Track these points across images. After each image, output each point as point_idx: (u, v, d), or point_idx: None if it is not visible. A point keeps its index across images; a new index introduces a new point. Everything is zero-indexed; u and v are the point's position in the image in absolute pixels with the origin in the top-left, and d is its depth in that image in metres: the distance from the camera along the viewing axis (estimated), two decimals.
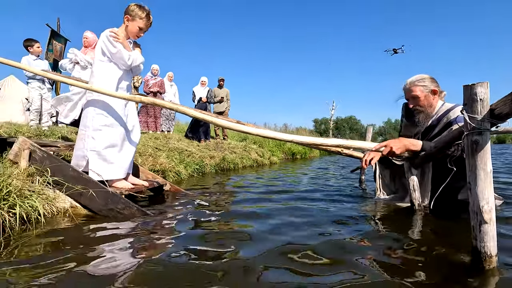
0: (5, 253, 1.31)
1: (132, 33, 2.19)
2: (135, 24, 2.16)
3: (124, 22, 2.19)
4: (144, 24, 2.18)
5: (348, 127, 52.82)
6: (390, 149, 1.72)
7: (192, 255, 1.29)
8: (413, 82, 1.96)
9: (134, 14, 2.14)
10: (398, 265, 1.18)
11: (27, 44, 4.51)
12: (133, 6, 2.15)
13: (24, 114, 8.88)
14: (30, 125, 4.36)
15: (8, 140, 2.27)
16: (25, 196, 1.78)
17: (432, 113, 1.95)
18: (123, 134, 2.22)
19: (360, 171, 3.84)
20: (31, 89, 4.55)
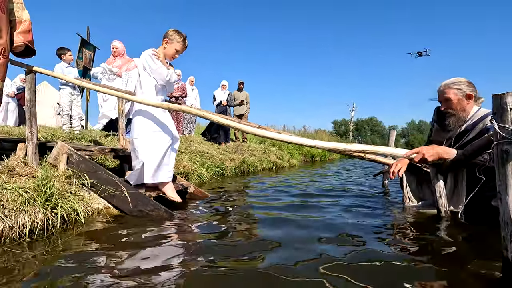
0: (51, 249, 1.44)
1: (169, 54, 2.42)
2: (173, 47, 2.39)
3: (162, 44, 2.42)
4: (181, 47, 2.43)
5: (369, 129, 51.60)
6: (422, 156, 1.69)
7: (216, 260, 1.35)
8: (448, 84, 1.92)
9: (172, 38, 2.38)
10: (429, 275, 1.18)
11: (60, 52, 4.81)
12: (172, 31, 2.40)
13: (55, 118, 9.42)
14: (63, 129, 4.63)
15: (48, 144, 2.44)
16: (64, 197, 1.92)
17: (465, 117, 1.90)
18: (168, 141, 2.40)
19: (383, 176, 3.78)
20: (62, 95, 4.84)
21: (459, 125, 1.91)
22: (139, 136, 2.34)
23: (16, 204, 1.62)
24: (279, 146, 9.07)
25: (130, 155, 3.01)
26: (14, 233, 1.55)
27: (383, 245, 1.51)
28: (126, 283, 1.09)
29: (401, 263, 1.26)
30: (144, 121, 2.34)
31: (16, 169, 1.97)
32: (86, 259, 1.31)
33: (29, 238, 1.57)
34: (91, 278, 1.12)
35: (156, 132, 2.34)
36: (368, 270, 1.20)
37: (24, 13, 2.15)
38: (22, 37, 2.14)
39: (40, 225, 1.66)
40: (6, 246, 1.45)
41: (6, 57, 2.04)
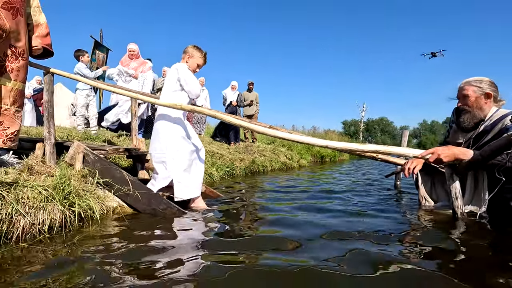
0: (69, 245, 1.48)
1: (191, 68, 2.47)
2: (195, 62, 2.47)
3: (184, 59, 2.49)
4: (202, 62, 2.51)
5: (380, 129, 50.88)
6: (437, 157, 1.66)
7: (227, 256, 1.36)
8: (469, 81, 1.89)
9: (194, 53, 2.47)
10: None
11: (78, 54, 4.92)
12: (192, 48, 2.48)
13: (70, 118, 9.66)
14: (78, 130, 4.74)
15: (64, 144, 2.51)
16: (81, 196, 1.97)
17: (480, 116, 1.86)
18: (196, 152, 2.45)
19: (395, 176, 3.73)
20: (78, 96, 4.96)
21: (474, 122, 1.87)
22: (169, 149, 2.33)
23: (36, 201, 1.67)
24: (288, 146, 9.05)
25: (143, 155, 3.07)
26: (34, 229, 1.61)
27: (400, 247, 1.50)
28: (142, 278, 1.11)
29: (418, 267, 1.24)
30: (173, 134, 2.35)
31: (35, 167, 2.03)
32: (103, 255, 1.35)
33: (48, 235, 1.62)
34: (108, 273, 1.15)
35: (185, 145, 2.36)
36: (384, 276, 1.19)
37: (41, 16, 2.22)
38: (40, 40, 2.21)
39: (58, 222, 1.70)
40: (27, 243, 1.50)
41: (25, 59, 2.11)
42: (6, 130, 2.06)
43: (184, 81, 2.37)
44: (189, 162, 2.38)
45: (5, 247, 1.43)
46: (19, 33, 2.01)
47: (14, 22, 1.96)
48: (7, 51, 1.99)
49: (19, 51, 2.05)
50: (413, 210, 2.35)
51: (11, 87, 2.06)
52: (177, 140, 2.35)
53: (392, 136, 48.79)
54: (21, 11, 2.01)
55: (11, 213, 1.55)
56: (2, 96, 2.03)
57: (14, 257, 1.34)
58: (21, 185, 1.71)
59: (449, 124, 2.18)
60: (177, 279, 1.11)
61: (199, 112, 2.17)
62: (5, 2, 1.90)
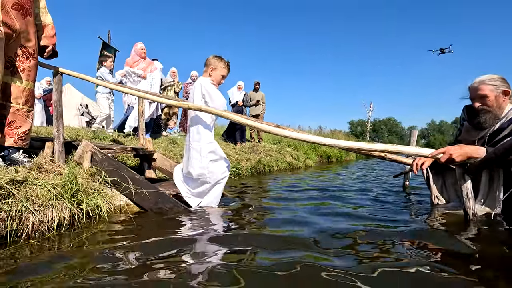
0: (77, 243, 1.49)
1: (215, 80, 2.41)
2: (218, 73, 2.39)
3: (207, 72, 2.41)
4: (226, 72, 2.43)
5: (387, 129, 50.37)
6: (449, 157, 1.62)
7: (233, 255, 1.35)
8: (483, 81, 1.85)
9: (216, 64, 2.38)
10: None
11: (102, 59, 5.06)
12: (213, 59, 2.39)
13: (78, 118, 9.80)
14: (92, 130, 4.80)
15: (73, 143, 2.54)
16: (89, 194, 1.99)
17: (500, 115, 1.82)
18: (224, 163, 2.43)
19: (404, 176, 3.67)
20: (101, 99, 5.03)
21: (495, 122, 1.83)
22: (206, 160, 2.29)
23: (45, 199, 1.69)
24: (294, 146, 9.02)
25: (150, 154, 3.09)
26: (43, 227, 1.62)
27: (412, 248, 1.47)
28: (149, 275, 1.11)
29: (434, 270, 1.21)
30: (208, 146, 2.32)
31: (45, 166, 2.06)
32: (111, 252, 1.35)
33: (57, 232, 1.64)
34: (115, 270, 1.16)
35: (219, 156, 2.36)
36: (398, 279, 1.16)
37: (48, 17, 2.25)
38: (48, 41, 2.24)
39: (67, 220, 1.72)
40: (36, 240, 1.52)
41: (35, 59, 2.14)
42: (18, 129, 2.10)
43: (209, 97, 2.32)
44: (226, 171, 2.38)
45: (15, 244, 1.45)
46: (28, 33, 2.04)
47: (23, 22, 1.99)
48: (18, 51, 2.02)
49: (30, 51, 2.08)
50: (422, 211, 2.31)
51: (23, 87, 2.09)
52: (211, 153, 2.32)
53: (399, 137, 48.24)
54: (30, 11, 2.04)
55: (21, 210, 1.57)
56: (15, 95, 2.06)
57: (24, 254, 1.35)
58: (30, 183, 1.73)
59: (460, 122, 2.13)
60: (183, 277, 1.10)
61: (206, 111, 2.17)
62: (15, 3, 1.93)
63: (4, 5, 1.87)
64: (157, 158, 3.13)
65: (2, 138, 2.05)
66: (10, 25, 1.92)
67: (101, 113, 5.14)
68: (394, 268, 1.18)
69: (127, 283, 1.06)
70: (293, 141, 9.06)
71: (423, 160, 1.91)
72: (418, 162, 1.92)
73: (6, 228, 1.50)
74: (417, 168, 1.93)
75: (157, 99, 2.49)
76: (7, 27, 1.90)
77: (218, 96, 2.34)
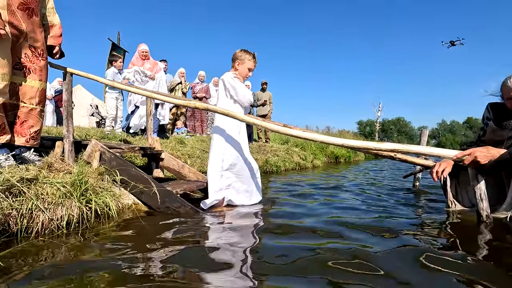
0: (87, 241, 1.51)
1: (242, 74, 2.42)
2: (245, 66, 2.39)
3: (234, 66, 2.43)
4: (253, 65, 2.42)
5: (396, 130, 49.68)
6: (473, 159, 1.55)
7: (239, 257, 1.34)
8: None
9: (243, 58, 2.39)
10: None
11: (112, 59, 5.13)
12: (240, 52, 2.40)
13: (88, 118, 9.96)
14: (107, 131, 4.87)
15: (82, 142, 2.57)
16: (97, 193, 2.01)
17: None
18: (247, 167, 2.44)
19: (414, 177, 3.60)
20: (109, 99, 5.10)
21: None
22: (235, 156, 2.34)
23: (55, 197, 1.71)
24: (302, 146, 8.96)
25: (157, 154, 3.11)
26: (53, 225, 1.65)
27: (429, 251, 1.43)
28: (158, 275, 1.11)
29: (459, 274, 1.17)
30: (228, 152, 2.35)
31: (55, 165, 2.09)
32: (119, 250, 1.36)
33: (66, 230, 1.66)
34: (124, 268, 1.16)
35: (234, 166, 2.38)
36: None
37: (55, 17, 2.28)
38: (54, 41, 2.26)
39: (76, 218, 1.74)
40: (46, 238, 1.54)
41: (45, 59, 2.17)
42: (30, 129, 2.13)
43: (234, 91, 2.34)
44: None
45: (25, 241, 1.47)
46: (35, 33, 2.06)
47: (29, 22, 2.01)
48: (27, 52, 2.05)
49: (39, 51, 2.11)
50: (434, 213, 2.26)
51: (37, 87, 2.12)
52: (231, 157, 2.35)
53: (409, 137, 47.50)
54: (36, 11, 2.06)
55: (31, 208, 1.59)
56: (29, 96, 2.10)
57: (34, 251, 1.37)
58: (41, 181, 1.76)
59: (483, 121, 2.02)
60: (192, 276, 1.10)
61: (213, 110, 2.17)
62: (21, 3, 1.95)
63: (10, 5, 1.89)
64: (164, 157, 3.15)
65: (13, 137, 2.09)
66: (16, 26, 1.93)
67: (107, 114, 5.21)
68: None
69: (136, 281, 1.06)
70: (300, 141, 9.01)
71: (443, 167, 1.81)
72: (438, 170, 1.81)
73: (17, 226, 1.52)
74: (438, 176, 1.82)
75: (164, 99, 2.50)
76: (13, 28, 1.92)
77: (242, 89, 2.34)
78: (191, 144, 5.16)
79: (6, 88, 1.92)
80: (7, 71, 1.90)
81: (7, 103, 1.98)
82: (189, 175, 3.02)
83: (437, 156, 1.73)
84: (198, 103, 2.24)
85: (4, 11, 1.86)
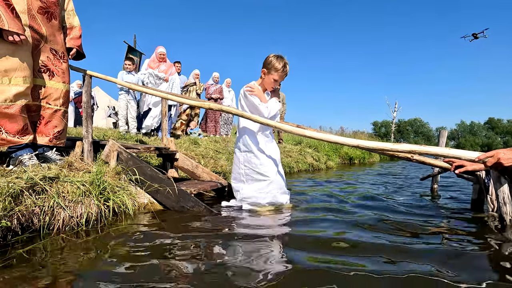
0: (105, 238, 1.55)
1: (268, 84, 2.30)
2: (270, 77, 2.25)
3: (261, 75, 2.31)
4: (279, 75, 2.24)
5: (413, 130, 48.37)
6: (497, 161, 1.48)
7: (247, 259, 1.34)
8: None
9: (270, 66, 2.22)
10: None
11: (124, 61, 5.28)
12: (271, 58, 2.23)
13: (106, 119, 10.24)
14: (120, 131, 5.00)
15: (101, 142, 2.65)
16: (115, 192, 2.06)
17: None
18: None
19: (432, 179, 3.50)
20: (120, 99, 5.24)
21: None
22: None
23: (75, 195, 1.77)
24: (315, 147, 8.88)
25: (172, 154, 3.16)
26: (73, 222, 1.70)
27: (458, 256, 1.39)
28: (174, 273, 1.13)
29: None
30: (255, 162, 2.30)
31: (75, 164, 2.16)
32: (137, 247, 1.39)
33: (85, 228, 1.71)
34: (141, 265, 1.19)
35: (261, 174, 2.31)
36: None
37: (75, 19, 2.35)
38: (73, 42, 2.33)
39: (94, 216, 1.80)
40: (67, 234, 1.59)
41: (66, 61, 2.25)
42: (54, 129, 2.21)
43: (247, 107, 2.24)
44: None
45: (47, 237, 1.53)
46: (55, 36, 2.14)
47: (49, 26, 2.09)
48: (49, 55, 2.12)
49: (60, 54, 2.18)
50: (454, 215, 2.18)
51: (61, 89, 2.21)
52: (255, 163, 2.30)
53: (426, 138, 46.12)
54: (55, 14, 2.13)
55: (53, 206, 1.65)
56: (55, 97, 2.18)
57: (56, 247, 1.42)
58: (62, 180, 1.83)
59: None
60: (207, 273, 1.11)
61: (227, 111, 2.19)
62: (41, 7, 2.02)
63: (30, 9, 1.96)
64: (179, 157, 3.20)
65: (35, 137, 2.17)
66: (36, 29, 2.01)
67: (119, 114, 5.34)
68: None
69: (152, 278, 1.08)
70: (314, 142, 8.93)
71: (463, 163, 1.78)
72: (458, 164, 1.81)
73: (40, 222, 1.58)
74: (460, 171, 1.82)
75: (179, 100, 2.54)
76: (33, 31, 2.00)
77: (255, 107, 2.19)
78: (204, 144, 5.22)
79: (28, 90, 2.00)
80: (28, 74, 1.98)
81: (31, 105, 2.07)
82: (203, 175, 3.05)
83: (457, 157, 1.68)
84: (213, 104, 2.26)
85: (25, 15, 1.94)
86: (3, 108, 1.90)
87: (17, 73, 1.92)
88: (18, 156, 2.05)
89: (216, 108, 2.20)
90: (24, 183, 1.62)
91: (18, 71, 1.92)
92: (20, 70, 1.93)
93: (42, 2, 2.02)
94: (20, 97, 1.95)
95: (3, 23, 1.79)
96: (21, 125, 2.00)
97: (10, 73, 1.90)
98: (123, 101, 5.13)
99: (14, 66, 1.90)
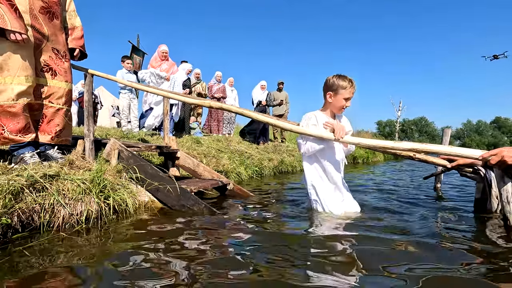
0: (106, 235, 1.56)
1: (337, 107, 2.08)
2: (340, 97, 2.03)
3: (326, 100, 2.11)
4: (349, 91, 2.02)
5: (417, 130, 48.00)
6: (500, 159, 1.46)
7: (249, 259, 1.33)
8: None
9: (335, 87, 2.02)
10: None
11: (123, 60, 5.27)
12: (332, 79, 2.03)
13: (110, 119, 10.31)
14: (123, 130, 5.02)
15: (102, 141, 2.66)
16: (115, 190, 2.07)
17: None
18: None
19: (435, 178, 3.46)
20: (121, 98, 5.25)
21: None
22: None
23: (75, 193, 1.78)
24: None
25: (173, 153, 3.16)
26: (73, 219, 1.71)
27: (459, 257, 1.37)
28: (173, 271, 1.13)
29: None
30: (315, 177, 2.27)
31: (76, 162, 2.17)
32: (136, 245, 1.39)
33: (85, 225, 1.72)
34: (141, 262, 1.18)
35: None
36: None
37: (77, 19, 2.36)
38: (75, 43, 2.34)
39: (94, 214, 1.80)
40: (66, 232, 1.60)
41: (68, 60, 2.26)
42: (56, 127, 2.23)
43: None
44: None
45: (47, 235, 1.54)
46: (56, 36, 2.15)
47: (51, 26, 2.10)
48: (51, 54, 2.14)
49: (62, 53, 2.20)
50: (457, 214, 2.15)
51: (64, 88, 2.22)
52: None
53: (431, 137, 45.73)
54: (56, 14, 2.14)
55: (53, 203, 1.66)
56: (57, 96, 2.19)
57: (56, 245, 1.43)
58: (62, 177, 1.83)
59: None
60: (208, 270, 1.11)
61: (227, 109, 2.18)
62: (42, 7, 2.03)
63: (32, 9, 1.97)
64: (180, 156, 3.20)
65: (37, 135, 2.18)
66: (38, 29, 2.02)
67: (121, 114, 5.36)
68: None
69: (152, 276, 1.08)
70: None
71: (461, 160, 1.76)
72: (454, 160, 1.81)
73: (40, 220, 1.59)
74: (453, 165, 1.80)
75: (179, 98, 2.54)
76: (35, 31, 2.01)
77: (313, 133, 2.00)
78: (207, 143, 5.22)
79: (31, 89, 2.02)
80: (31, 73, 1.99)
81: (34, 103, 2.08)
82: (204, 174, 3.05)
83: (460, 156, 1.65)
84: (213, 103, 2.26)
85: (27, 15, 1.95)
86: (5, 106, 1.92)
87: (20, 72, 1.93)
88: (20, 154, 2.07)
89: (216, 106, 2.19)
90: (25, 181, 1.63)
91: (21, 70, 1.93)
92: (23, 69, 1.94)
93: (43, 2, 2.03)
94: (23, 96, 1.97)
95: (6, 23, 1.80)
96: (23, 124, 2.01)
97: (13, 72, 1.91)
98: (126, 100, 5.15)
99: (17, 65, 1.92)
